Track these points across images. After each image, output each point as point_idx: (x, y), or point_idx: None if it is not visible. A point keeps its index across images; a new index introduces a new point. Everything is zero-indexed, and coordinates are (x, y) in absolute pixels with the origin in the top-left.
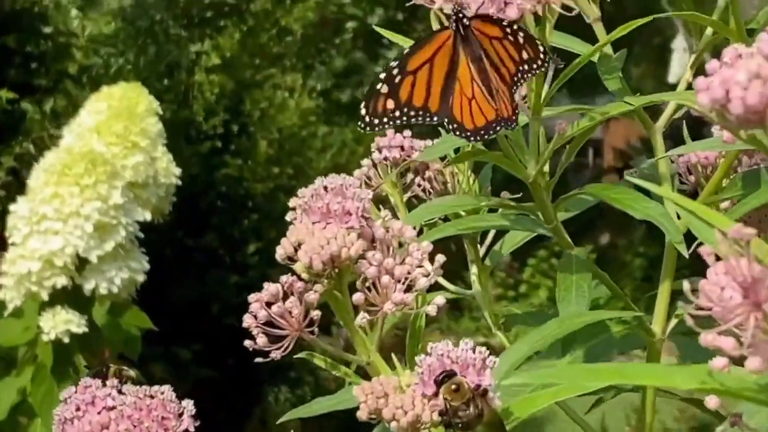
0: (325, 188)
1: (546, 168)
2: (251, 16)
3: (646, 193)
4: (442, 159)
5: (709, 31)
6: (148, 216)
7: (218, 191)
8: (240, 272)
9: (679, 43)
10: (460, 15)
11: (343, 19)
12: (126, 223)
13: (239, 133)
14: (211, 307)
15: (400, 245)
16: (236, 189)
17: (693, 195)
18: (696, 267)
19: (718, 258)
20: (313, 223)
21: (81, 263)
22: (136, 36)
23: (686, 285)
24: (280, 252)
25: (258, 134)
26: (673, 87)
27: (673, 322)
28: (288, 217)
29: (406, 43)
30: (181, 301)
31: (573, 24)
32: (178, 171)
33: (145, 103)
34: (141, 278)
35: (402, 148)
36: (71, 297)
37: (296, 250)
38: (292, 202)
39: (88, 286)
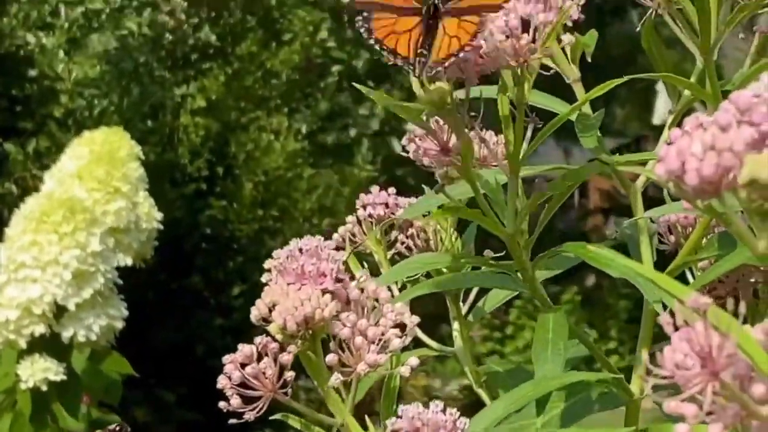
0: (300, 250)
1: (525, 226)
2: (236, 59)
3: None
4: (425, 217)
5: (687, 91)
6: (129, 261)
7: (203, 233)
8: (224, 314)
9: (663, 85)
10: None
11: (327, 62)
12: (104, 270)
13: (224, 176)
14: (195, 349)
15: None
16: (221, 231)
17: (673, 254)
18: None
19: (677, 327)
20: (288, 284)
21: (59, 311)
22: (120, 78)
23: (645, 355)
24: (255, 313)
25: (243, 176)
26: (657, 129)
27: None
28: (263, 279)
29: (383, 100)
30: (165, 344)
31: (550, 81)
32: (159, 216)
33: (126, 147)
34: (119, 325)
35: (386, 205)
36: (49, 345)
37: (271, 311)
38: (267, 264)
39: (66, 334)
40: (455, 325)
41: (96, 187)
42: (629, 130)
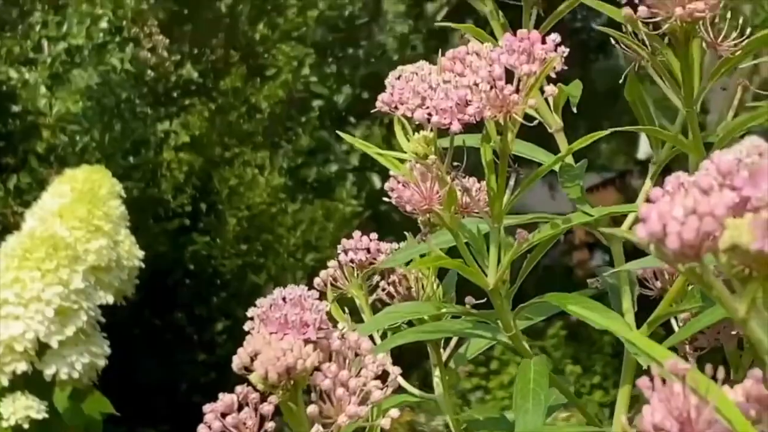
0: (284, 299)
1: (507, 275)
2: (220, 94)
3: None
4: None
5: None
6: (110, 299)
7: (186, 269)
8: (208, 350)
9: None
10: None
11: (308, 97)
12: (87, 307)
13: (207, 211)
14: (179, 385)
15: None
16: (204, 267)
17: (658, 299)
18: None
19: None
20: (271, 333)
21: (41, 348)
22: (102, 114)
23: (623, 418)
24: (236, 362)
25: (226, 212)
26: (643, 164)
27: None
28: (246, 327)
29: (363, 146)
30: (148, 380)
31: (533, 132)
32: (141, 254)
33: (108, 185)
34: (102, 363)
35: (368, 250)
36: (31, 382)
37: (252, 361)
38: (251, 312)
39: (48, 372)
40: (436, 372)
41: (77, 225)
42: (614, 164)
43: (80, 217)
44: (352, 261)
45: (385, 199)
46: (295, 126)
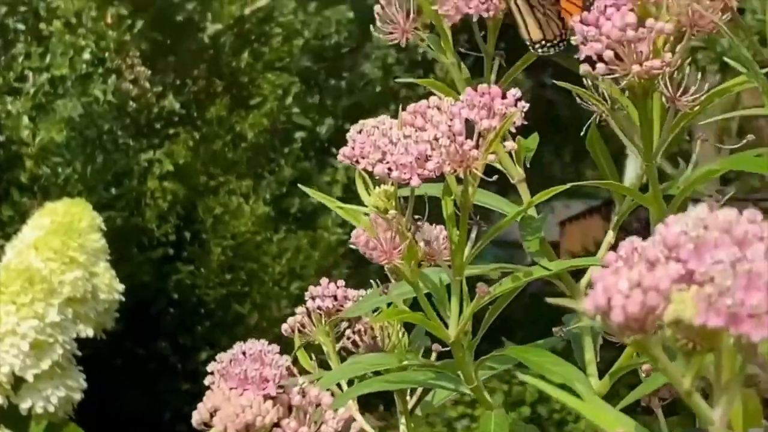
0: (244, 353)
1: (469, 326)
2: (204, 123)
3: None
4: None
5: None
6: (90, 332)
7: (170, 298)
8: (192, 380)
9: (634, 149)
10: None
11: (291, 128)
12: (63, 341)
13: (192, 240)
14: (162, 415)
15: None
16: (188, 296)
17: (624, 347)
18: None
19: None
20: (230, 389)
21: (17, 382)
22: (84, 145)
23: None
24: (196, 418)
25: (211, 241)
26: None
27: None
28: (206, 382)
29: (324, 199)
30: (131, 410)
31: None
32: (121, 287)
33: (87, 218)
34: (78, 396)
35: (335, 297)
36: (7, 416)
37: (212, 417)
38: (210, 367)
39: (24, 405)
40: (402, 420)
41: (52, 257)
42: (600, 192)
43: (55, 248)
44: (319, 308)
45: (352, 246)
46: (278, 157)
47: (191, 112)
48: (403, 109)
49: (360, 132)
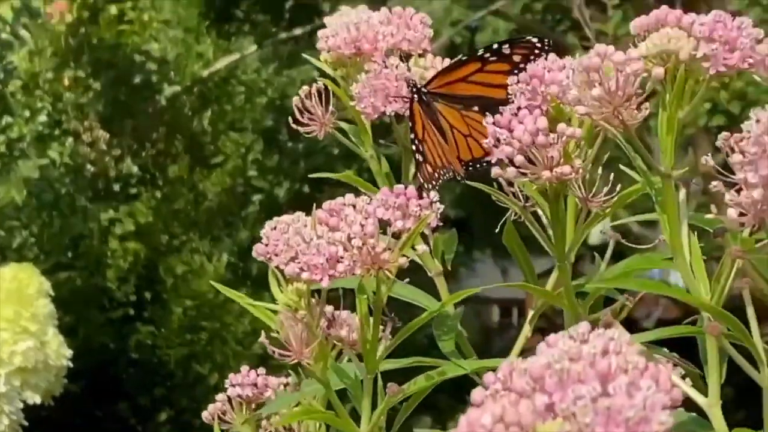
0: None
1: (383, 422)
2: (166, 183)
3: None
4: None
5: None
6: (38, 399)
7: (130, 359)
8: None
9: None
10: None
11: (249, 191)
12: (9, 411)
13: (152, 300)
14: None
15: None
16: (148, 356)
17: None
18: None
19: None
20: None
21: None
22: (40, 210)
23: None
24: None
25: (172, 301)
26: (595, 249)
27: None
28: None
29: (236, 296)
30: None
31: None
32: (69, 353)
33: (36, 284)
34: None
35: (255, 385)
36: None
37: None
38: None
39: None
40: None
41: (4, 326)
42: None
43: (7, 318)
44: (239, 396)
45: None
46: (236, 220)
47: (152, 173)
48: (318, 207)
49: (274, 229)
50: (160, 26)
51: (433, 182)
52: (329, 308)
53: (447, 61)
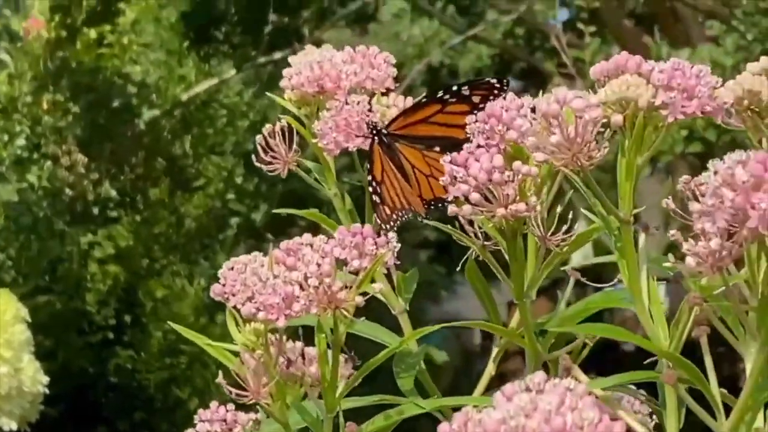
0: None
1: None
2: (146, 206)
3: None
4: None
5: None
6: (13, 426)
7: (109, 383)
8: None
9: (579, 227)
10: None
11: (227, 214)
12: None
13: (132, 324)
14: None
15: None
16: (128, 380)
17: None
18: None
19: None
20: None
21: None
22: (18, 233)
23: None
24: None
25: (151, 324)
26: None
27: None
28: None
29: (194, 336)
30: None
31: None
32: (45, 379)
33: (12, 310)
34: None
35: (225, 421)
36: None
37: None
38: None
39: None
40: None
41: None
42: (548, 274)
43: None
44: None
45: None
46: (213, 243)
47: (132, 197)
48: (276, 246)
49: (231, 269)
50: (140, 49)
51: (391, 223)
52: (299, 345)
53: (410, 100)
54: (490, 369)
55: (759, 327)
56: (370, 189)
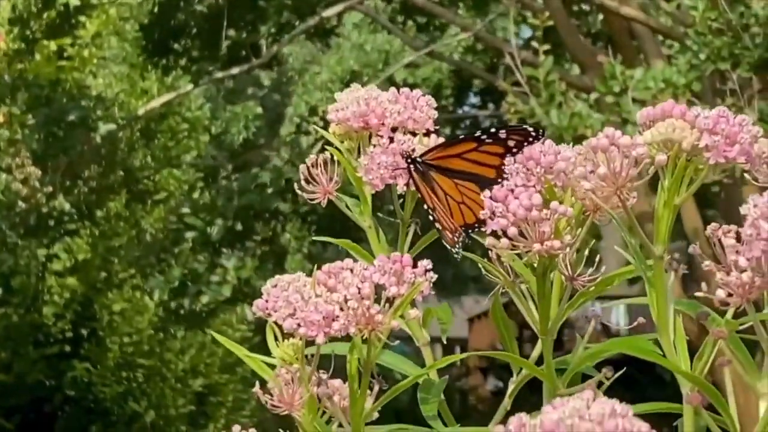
0: None
1: None
2: (104, 219)
3: None
4: None
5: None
6: None
7: (65, 396)
8: None
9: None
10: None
11: (182, 229)
12: None
13: (89, 337)
14: None
15: None
16: (84, 393)
17: None
18: None
19: None
20: None
21: None
22: None
23: None
24: None
25: (108, 337)
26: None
27: None
28: None
29: (234, 347)
30: None
31: None
32: None
33: None
34: None
35: None
36: None
37: None
38: None
39: None
40: None
41: None
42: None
43: None
44: None
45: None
46: (169, 257)
47: (88, 210)
48: (319, 268)
49: (275, 286)
50: (102, 62)
51: (458, 245)
52: (324, 375)
53: None
54: (506, 404)
55: None
56: (431, 218)
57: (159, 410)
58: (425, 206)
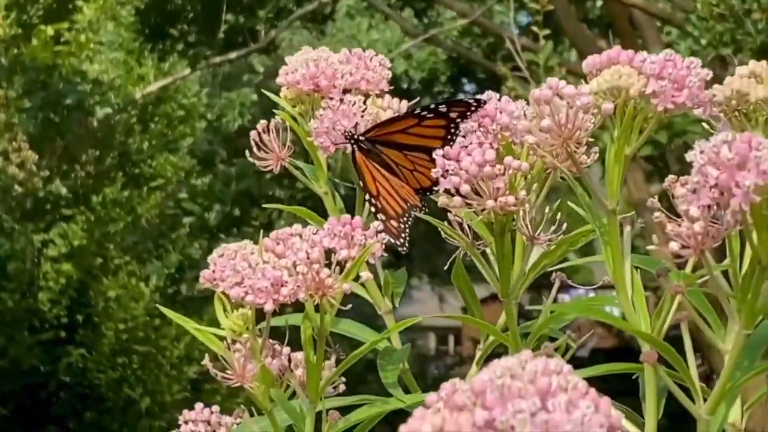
0: None
1: None
2: (100, 205)
3: None
4: None
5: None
6: None
7: (60, 381)
8: None
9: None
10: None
11: (179, 214)
12: None
13: (84, 323)
14: None
15: None
16: (79, 380)
17: None
18: None
19: None
20: None
21: None
22: None
23: None
24: None
25: (103, 324)
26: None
27: None
28: None
29: (181, 320)
30: None
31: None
32: None
33: None
34: None
35: (209, 422)
36: None
37: None
38: None
39: None
40: None
41: None
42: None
43: None
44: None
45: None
46: (166, 243)
47: (86, 195)
48: (266, 235)
49: (221, 255)
50: (98, 47)
51: (403, 234)
52: (286, 349)
53: (405, 103)
54: (473, 372)
55: (739, 310)
56: (372, 209)
57: (154, 396)
58: (366, 196)
